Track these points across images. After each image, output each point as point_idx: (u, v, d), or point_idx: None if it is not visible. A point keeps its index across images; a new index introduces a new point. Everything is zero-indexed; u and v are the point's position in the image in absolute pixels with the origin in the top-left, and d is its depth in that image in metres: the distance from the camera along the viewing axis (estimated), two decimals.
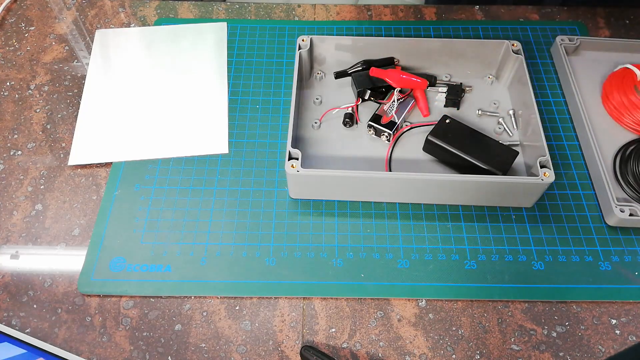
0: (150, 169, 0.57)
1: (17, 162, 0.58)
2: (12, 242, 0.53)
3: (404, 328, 0.48)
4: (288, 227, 0.54)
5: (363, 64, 0.62)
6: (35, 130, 0.61)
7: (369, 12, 0.73)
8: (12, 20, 0.72)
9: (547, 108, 0.63)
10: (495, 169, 0.53)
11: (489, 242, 0.53)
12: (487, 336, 0.48)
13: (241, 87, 0.65)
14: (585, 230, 0.54)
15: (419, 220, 0.54)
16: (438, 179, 0.51)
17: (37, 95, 0.64)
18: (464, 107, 0.62)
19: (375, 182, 0.52)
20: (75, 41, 0.70)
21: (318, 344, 0.48)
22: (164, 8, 0.74)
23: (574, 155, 0.59)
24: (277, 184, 0.56)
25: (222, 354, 0.47)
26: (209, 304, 0.49)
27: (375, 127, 0.58)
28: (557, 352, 0.47)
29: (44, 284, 0.50)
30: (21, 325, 0.48)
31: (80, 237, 0.53)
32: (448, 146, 0.55)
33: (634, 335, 0.48)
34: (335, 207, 0.55)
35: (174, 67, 0.67)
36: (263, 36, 0.70)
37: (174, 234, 0.53)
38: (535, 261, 0.52)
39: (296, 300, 0.50)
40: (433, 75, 0.62)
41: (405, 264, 0.51)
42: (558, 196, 0.56)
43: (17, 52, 0.68)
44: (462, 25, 0.71)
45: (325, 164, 0.57)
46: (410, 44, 0.62)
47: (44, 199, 0.56)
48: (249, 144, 0.60)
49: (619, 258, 0.52)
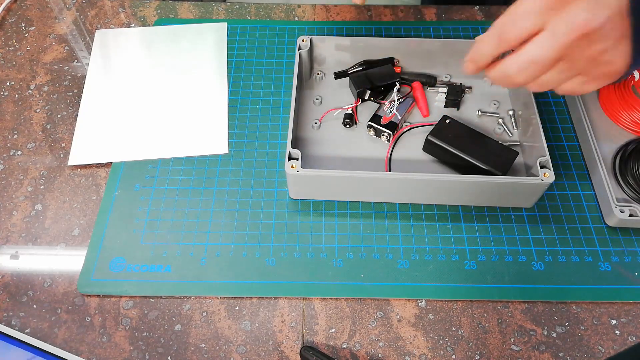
0: (150, 169, 0.57)
1: (17, 162, 0.58)
2: (12, 242, 0.53)
3: (404, 328, 0.48)
4: (288, 227, 0.53)
5: (363, 64, 0.62)
6: (35, 130, 0.61)
7: (369, 13, 0.73)
8: (12, 20, 0.72)
9: (547, 108, 0.63)
10: (495, 169, 0.53)
11: (489, 243, 0.53)
12: (487, 336, 0.48)
13: (241, 87, 0.65)
14: (585, 231, 0.54)
15: (419, 221, 0.54)
16: (438, 179, 0.51)
17: (37, 95, 0.64)
18: (464, 107, 0.62)
19: (375, 182, 0.52)
20: (75, 41, 0.70)
21: (318, 344, 0.48)
22: (164, 8, 0.74)
23: (574, 155, 0.59)
24: (277, 184, 0.56)
25: (222, 354, 0.47)
26: (208, 304, 0.49)
27: (375, 128, 0.58)
28: (557, 352, 0.47)
29: (43, 284, 0.50)
30: (21, 326, 0.48)
31: (80, 237, 0.53)
32: (448, 146, 0.55)
33: (634, 336, 0.48)
34: (335, 207, 0.55)
35: (174, 67, 0.67)
36: (263, 36, 0.70)
37: (174, 234, 0.53)
38: (535, 261, 0.52)
39: (296, 300, 0.50)
40: (433, 75, 0.62)
41: (405, 264, 0.51)
42: (558, 196, 0.56)
43: (17, 52, 0.68)
44: (462, 25, 0.71)
45: (325, 164, 0.57)
46: (410, 44, 0.62)
47: (43, 199, 0.56)
48: (249, 144, 0.60)
49: (618, 258, 0.52)
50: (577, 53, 0.38)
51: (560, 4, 0.37)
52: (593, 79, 0.40)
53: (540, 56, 0.39)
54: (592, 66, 0.39)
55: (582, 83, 0.41)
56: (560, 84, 0.42)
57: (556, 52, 0.38)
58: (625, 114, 0.59)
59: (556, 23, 0.37)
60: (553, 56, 0.38)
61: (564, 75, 0.40)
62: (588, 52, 0.38)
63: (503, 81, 0.42)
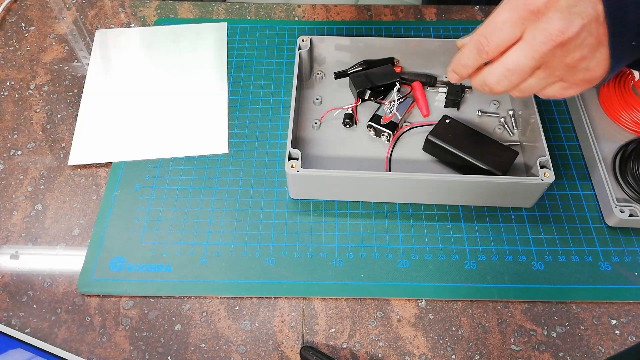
0: (150, 169, 0.57)
1: (17, 162, 0.58)
2: (12, 242, 0.53)
3: (404, 328, 0.48)
4: (288, 227, 0.53)
5: (363, 64, 0.62)
6: (35, 130, 0.61)
7: (369, 13, 0.73)
8: (12, 20, 0.72)
9: (547, 108, 0.63)
10: (495, 169, 0.53)
11: (489, 243, 0.53)
12: (487, 336, 0.48)
13: (241, 87, 0.65)
14: (585, 231, 0.54)
15: (419, 221, 0.54)
16: (438, 179, 0.51)
17: (37, 95, 0.64)
18: (464, 107, 0.62)
19: (375, 182, 0.52)
20: (75, 41, 0.70)
21: (318, 344, 0.48)
22: (164, 8, 0.74)
23: (574, 155, 0.59)
24: (277, 184, 0.56)
25: (222, 354, 0.47)
26: (208, 304, 0.49)
27: (375, 127, 0.58)
28: (557, 352, 0.47)
29: (43, 284, 0.50)
30: (21, 325, 0.48)
31: (80, 237, 0.53)
32: (448, 146, 0.55)
33: (634, 336, 0.48)
34: (335, 207, 0.55)
35: (174, 67, 0.67)
36: (263, 36, 0.70)
37: (174, 234, 0.53)
38: (535, 261, 0.52)
39: (296, 300, 0.50)
40: (433, 75, 0.62)
41: (405, 264, 0.51)
42: (558, 196, 0.56)
43: (17, 52, 0.68)
44: (462, 26, 0.71)
45: (325, 164, 0.57)
46: (410, 44, 0.62)
47: (43, 199, 0.56)
48: (249, 144, 0.60)
49: (618, 258, 0.52)
50: (555, 61, 0.38)
51: (536, 14, 0.37)
52: (573, 85, 0.41)
53: (517, 66, 0.39)
54: (571, 73, 0.39)
55: (563, 89, 0.41)
56: (540, 91, 0.42)
57: (534, 61, 0.38)
58: (625, 114, 0.59)
59: (533, 33, 0.37)
60: (531, 65, 0.39)
61: (543, 82, 0.41)
62: (566, 60, 0.38)
63: (484, 90, 0.43)
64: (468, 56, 0.42)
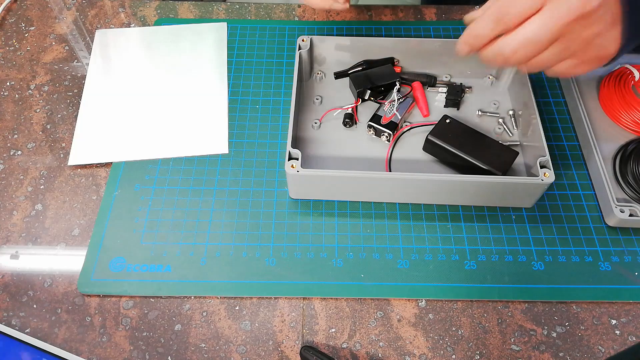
0: (150, 169, 0.57)
1: (17, 162, 0.58)
2: (12, 242, 0.53)
3: (404, 328, 0.48)
4: (288, 227, 0.54)
5: (363, 64, 0.62)
6: (35, 130, 0.61)
7: (369, 13, 0.73)
8: (12, 20, 0.72)
9: (547, 108, 0.63)
10: (495, 169, 0.53)
11: (489, 243, 0.53)
12: (487, 336, 0.48)
13: (241, 87, 0.65)
14: (585, 231, 0.54)
15: (419, 221, 0.54)
16: (438, 179, 0.51)
17: (37, 95, 0.64)
18: (464, 107, 0.62)
19: (375, 182, 0.52)
20: (75, 41, 0.70)
21: (318, 344, 0.48)
22: (164, 8, 0.74)
23: (574, 155, 0.59)
24: (277, 184, 0.57)
25: (222, 354, 0.47)
26: (208, 304, 0.49)
27: (375, 127, 0.58)
28: (557, 352, 0.47)
29: (43, 284, 0.50)
30: (21, 325, 0.48)
31: (80, 237, 0.53)
32: (448, 146, 0.55)
33: (634, 336, 0.48)
34: (335, 207, 0.55)
35: (174, 67, 0.67)
36: (263, 36, 0.70)
37: (174, 234, 0.53)
38: (535, 261, 0.52)
39: (296, 300, 0.50)
40: (433, 75, 0.62)
41: (405, 264, 0.51)
42: (558, 196, 0.56)
43: (17, 52, 0.68)
44: (462, 26, 0.71)
45: (325, 164, 0.57)
46: (410, 44, 0.62)
47: (44, 199, 0.56)
48: (249, 144, 0.60)
49: (618, 258, 0.52)
50: (572, 35, 0.39)
51: None
52: (584, 62, 0.42)
53: (536, 35, 0.39)
54: (585, 49, 0.40)
55: (574, 66, 0.42)
56: (552, 66, 0.42)
57: (553, 32, 0.39)
58: (625, 114, 0.59)
59: (554, 3, 0.38)
60: (550, 36, 0.39)
61: (557, 57, 0.41)
62: (583, 34, 0.39)
63: (497, 60, 0.43)
64: (484, 26, 0.42)
